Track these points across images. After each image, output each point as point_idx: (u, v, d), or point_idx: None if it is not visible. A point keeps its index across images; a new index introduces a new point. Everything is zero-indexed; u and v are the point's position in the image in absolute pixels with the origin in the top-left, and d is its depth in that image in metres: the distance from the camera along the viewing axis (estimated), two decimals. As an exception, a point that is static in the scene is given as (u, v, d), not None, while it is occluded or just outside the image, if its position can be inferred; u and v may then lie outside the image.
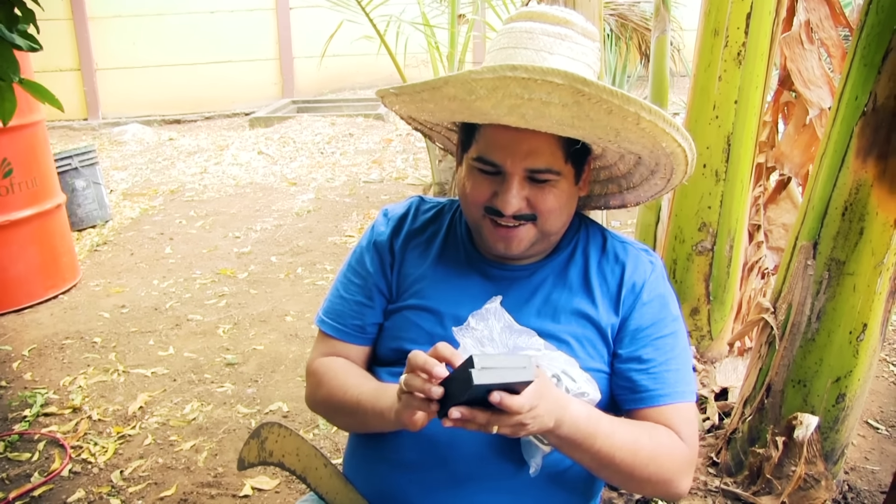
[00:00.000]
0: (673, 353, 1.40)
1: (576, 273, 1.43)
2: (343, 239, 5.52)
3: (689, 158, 1.27)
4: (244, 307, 4.33)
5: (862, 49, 2.04)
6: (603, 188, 1.54)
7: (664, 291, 1.44)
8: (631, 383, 1.39)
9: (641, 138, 1.21)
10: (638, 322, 1.40)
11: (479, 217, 1.35)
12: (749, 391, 2.43)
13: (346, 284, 1.53)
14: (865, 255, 2.08)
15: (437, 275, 1.46)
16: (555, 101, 1.12)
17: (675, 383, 1.38)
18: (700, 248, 2.89)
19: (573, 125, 1.18)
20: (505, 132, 1.26)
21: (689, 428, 1.38)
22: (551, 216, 1.33)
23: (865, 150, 2.03)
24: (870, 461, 2.73)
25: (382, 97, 1.35)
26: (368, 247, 1.52)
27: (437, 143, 1.65)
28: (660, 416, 1.36)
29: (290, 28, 10.87)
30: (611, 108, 1.13)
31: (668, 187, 1.42)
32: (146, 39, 10.44)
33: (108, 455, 2.88)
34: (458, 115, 1.28)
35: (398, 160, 7.79)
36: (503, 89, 1.12)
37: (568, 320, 1.39)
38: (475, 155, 1.32)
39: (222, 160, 7.99)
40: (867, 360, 2.20)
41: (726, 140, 2.76)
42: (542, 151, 1.27)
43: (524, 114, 1.16)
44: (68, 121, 10.20)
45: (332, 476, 1.44)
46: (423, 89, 1.23)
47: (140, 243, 5.56)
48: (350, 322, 1.50)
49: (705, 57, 2.75)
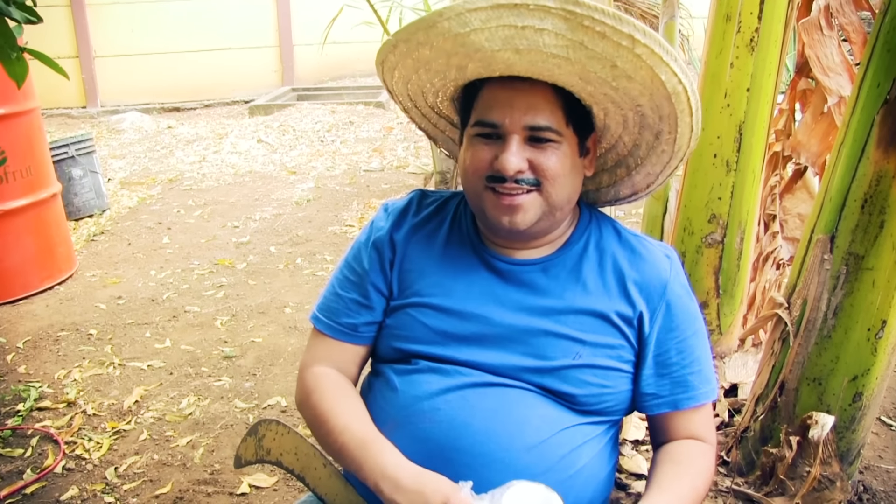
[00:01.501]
0: (696, 353, 1.37)
1: (590, 268, 1.37)
2: (343, 228, 5.45)
3: (693, 105, 1.21)
4: (242, 298, 4.26)
5: (886, 33, 1.96)
6: (612, 176, 1.48)
7: (685, 290, 1.39)
8: (655, 388, 1.36)
9: (639, 70, 1.15)
10: (662, 325, 1.35)
11: (481, 190, 1.29)
12: (761, 389, 2.35)
13: (343, 281, 1.47)
14: (886, 250, 2.00)
15: (443, 270, 1.40)
16: (548, 28, 1.10)
17: (699, 384, 1.36)
18: (709, 241, 2.81)
19: (568, 56, 1.14)
20: (502, 90, 1.24)
21: (710, 427, 1.39)
22: (556, 182, 1.27)
23: (887, 139, 1.95)
24: (884, 459, 2.66)
25: (382, 62, 1.30)
26: (367, 243, 1.46)
27: (441, 147, 1.59)
28: (685, 419, 1.37)
29: (290, 15, 10.78)
30: (604, 31, 1.10)
31: (676, 153, 1.34)
32: (145, 26, 10.36)
33: (103, 451, 2.82)
34: (453, 58, 1.22)
35: (399, 148, 7.71)
36: (497, 19, 1.10)
37: (582, 318, 1.33)
38: (474, 121, 1.28)
39: (221, 148, 7.92)
40: (886, 358, 2.12)
41: (738, 129, 2.67)
42: (541, 108, 1.23)
43: (517, 46, 1.13)
44: (67, 108, 10.13)
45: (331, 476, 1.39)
46: (419, 28, 1.18)
47: (137, 233, 5.49)
48: (345, 321, 1.44)
49: (716, 43, 2.66)
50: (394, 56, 1.27)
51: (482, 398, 1.30)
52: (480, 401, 1.30)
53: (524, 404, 1.31)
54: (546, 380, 1.31)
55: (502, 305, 1.35)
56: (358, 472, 1.26)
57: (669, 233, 3.04)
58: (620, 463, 2.39)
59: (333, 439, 1.32)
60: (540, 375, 1.31)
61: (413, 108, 1.47)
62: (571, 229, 1.41)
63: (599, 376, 1.32)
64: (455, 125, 1.50)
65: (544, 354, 1.32)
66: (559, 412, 1.32)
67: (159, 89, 10.42)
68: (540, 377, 1.31)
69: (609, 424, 1.39)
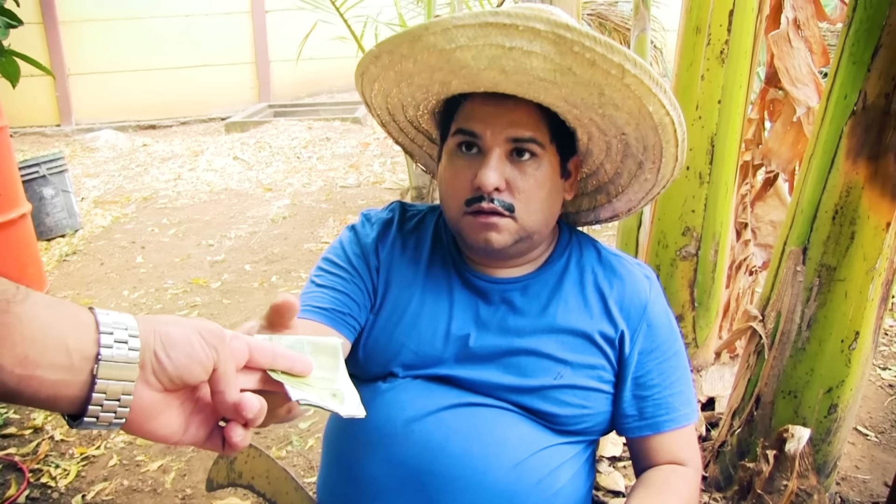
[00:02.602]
0: (676, 374, 1.34)
1: (571, 287, 1.35)
2: (319, 245, 5.41)
3: (679, 137, 1.19)
4: (216, 318, 4.20)
5: (850, 46, 1.96)
6: (591, 201, 1.45)
7: (665, 311, 1.37)
8: (636, 409, 1.33)
9: (627, 99, 1.12)
10: (643, 346, 1.33)
11: (459, 216, 1.26)
12: (737, 402, 2.34)
13: (325, 276, 1.37)
14: (857, 261, 2.00)
15: (426, 290, 1.36)
16: (536, 51, 1.06)
17: (680, 406, 1.33)
18: (684, 254, 2.80)
19: (555, 80, 1.11)
20: (485, 105, 1.21)
21: (693, 450, 1.35)
22: (530, 206, 1.23)
23: (856, 150, 1.95)
24: (860, 470, 2.65)
25: (362, 73, 1.26)
26: (352, 245, 1.40)
27: (417, 161, 1.55)
28: (666, 442, 1.33)
29: (266, 31, 10.73)
30: (594, 59, 1.06)
31: (658, 181, 1.32)
32: (119, 44, 10.27)
33: (70, 478, 2.75)
34: (437, 73, 1.18)
35: (375, 164, 7.68)
36: (484, 37, 1.06)
37: (563, 337, 1.31)
38: (454, 130, 1.25)
39: (197, 166, 7.85)
40: (860, 369, 2.11)
41: (710, 141, 2.67)
42: (524, 122, 1.21)
43: (504, 67, 1.10)
44: (41, 127, 10.02)
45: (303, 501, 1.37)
46: (403, 41, 1.14)
47: (111, 252, 5.42)
48: (328, 306, 1.31)
49: (687, 55, 2.66)
50: (375, 67, 1.23)
51: (459, 419, 1.27)
52: (457, 422, 1.27)
53: (502, 424, 1.28)
54: (526, 399, 1.29)
55: (483, 324, 1.33)
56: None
57: (644, 246, 3.03)
58: (597, 480, 2.37)
59: None
60: (520, 395, 1.29)
61: (391, 122, 1.43)
62: (552, 248, 1.38)
63: (580, 397, 1.30)
64: (433, 140, 1.47)
65: (525, 374, 1.29)
66: (538, 432, 1.29)
67: (134, 107, 10.34)
68: (520, 396, 1.29)
69: (587, 444, 1.37)
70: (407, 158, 6.06)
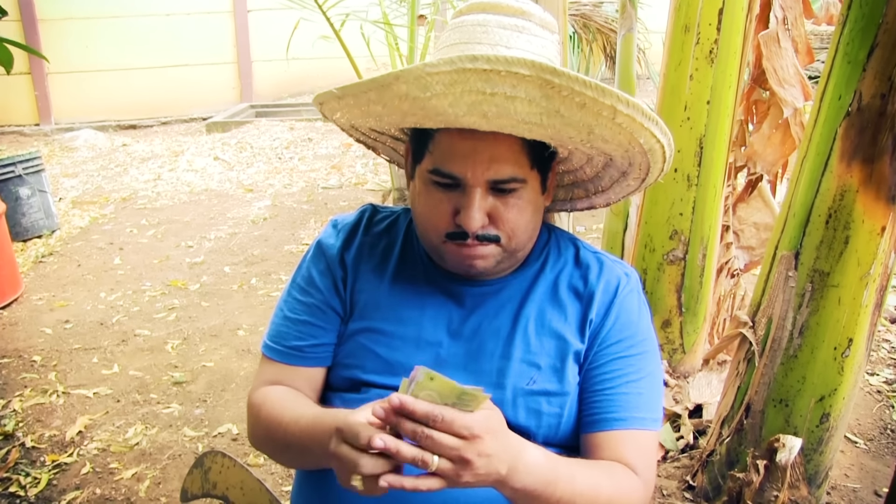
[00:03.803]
0: (639, 374, 1.26)
1: (545, 288, 1.30)
2: (300, 247, 5.33)
3: (668, 155, 1.13)
4: (195, 321, 4.12)
5: (845, 45, 1.91)
6: (567, 193, 1.41)
7: (636, 307, 1.31)
8: (586, 404, 1.25)
9: (617, 135, 1.06)
10: (604, 338, 1.27)
11: (440, 242, 1.20)
12: (727, 411, 2.28)
13: (292, 304, 1.36)
14: (851, 266, 1.95)
15: (395, 295, 1.31)
16: (520, 96, 0.98)
17: (636, 408, 1.24)
18: (671, 258, 2.75)
19: (541, 123, 1.04)
20: (462, 140, 1.12)
21: (645, 460, 1.23)
22: (515, 233, 1.19)
23: (850, 153, 1.90)
24: (850, 478, 2.60)
25: (321, 103, 1.17)
26: (316, 261, 1.36)
27: (381, 154, 1.48)
28: (615, 442, 1.22)
29: (248, 31, 10.63)
30: (584, 102, 0.99)
31: (641, 187, 1.29)
32: (99, 43, 10.13)
33: (41, 487, 2.66)
34: (409, 117, 1.11)
35: (358, 165, 7.60)
36: (462, 84, 0.98)
37: (539, 340, 1.26)
38: (430, 167, 1.17)
39: (177, 166, 7.75)
40: (852, 377, 2.07)
41: (698, 142, 2.62)
42: (505, 158, 1.12)
43: (485, 112, 1.02)
44: (19, 126, 9.87)
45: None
46: (370, 88, 1.06)
47: (88, 254, 5.32)
48: (294, 343, 1.33)
49: (675, 55, 2.60)
50: (338, 104, 1.15)
51: None
52: None
53: None
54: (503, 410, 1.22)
55: (455, 331, 1.28)
56: (322, 455, 1.08)
57: (630, 249, 2.98)
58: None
59: (288, 432, 1.21)
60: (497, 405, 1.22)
61: (352, 130, 1.37)
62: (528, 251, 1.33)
63: (554, 404, 1.25)
64: (399, 138, 1.40)
65: (499, 381, 1.24)
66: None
67: (115, 106, 10.21)
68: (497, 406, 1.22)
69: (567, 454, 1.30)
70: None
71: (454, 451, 0.92)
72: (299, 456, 1.24)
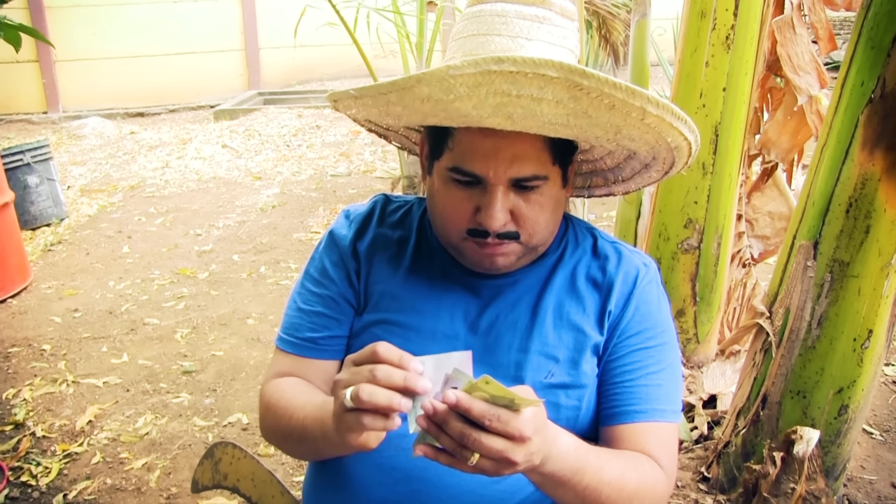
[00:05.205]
0: (659, 366, 1.24)
1: (563, 279, 1.27)
2: (309, 235, 5.31)
3: (694, 151, 1.11)
4: (204, 309, 4.11)
5: (868, 30, 1.87)
6: (585, 181, 1.38)
7: (656, 298, 1.28)
8: (606, 396, 1.23)
9: (644, 134, 1.04)
10: (623, 330, 1.24)
11: (460, 239, 1.18)
12: (742, 402, 2.26)
13: (306, 296, 1.33)
14: (872, 256, 1.91)
15: (411, 287, 1.28)
16: (547, 98, 0.95)
17: (657, 399, 1.22)
18: (686, 247, 2.72)
19: (567, 123, 1.01)
20: (484, 138, 1.08)
21: (667, 453, 1.22)
22: (537, 230, 1.17)
23: (872, 140, 1.86)
24: (866, 470, 2.58)
25: (336, 101, 1.14)
26: (329, 252, 1.34)
27: (393, 142, 1.45)
28: (636, 434, 1.21)
29: (256, 18, 10.60)
30: (613, 103, 0.96)
31: (664, 178, 1.27)
32: (107, 30, 10.12)
33: (52, 476, 2.66)
34: (430, 118, 1.08)
35: (366, 153, 7.57)
36: (487, 86, 0.94)
37: (557, 333, 1.23)
38: (450, 164, 1.13)
39: (185, 154, 7.73)
40: (872, 368, 2.03)
41: (714, 130, 2.58)
42: (527, 156, 1.09)
43: (511, 114, 0.98)
44: (27, 114, 9.88)
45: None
46: (391, 90, 1.02)
47: (97, 242, 5.31)
48: (308, 335, 1.30)
49: (691, 41, 2.56)
50: (353, 103, 1.13)
51: None
52: None
53: None
54: None
55: (473, 323, 1.25)
56: (329, 441, 1.08)
57: (643, 238, 2.95)
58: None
59: (296, 421, 1.19)
60: None
61: (367, 123, 1.34)
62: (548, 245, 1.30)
63: (572, 396, 1.22)
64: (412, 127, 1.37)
65: (517, 374, 1.22)
66: None
67: (122, 94, 10.20)
68: None
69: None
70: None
71: (500, 453, 0.90)
72: (310, 443, 1.21)
